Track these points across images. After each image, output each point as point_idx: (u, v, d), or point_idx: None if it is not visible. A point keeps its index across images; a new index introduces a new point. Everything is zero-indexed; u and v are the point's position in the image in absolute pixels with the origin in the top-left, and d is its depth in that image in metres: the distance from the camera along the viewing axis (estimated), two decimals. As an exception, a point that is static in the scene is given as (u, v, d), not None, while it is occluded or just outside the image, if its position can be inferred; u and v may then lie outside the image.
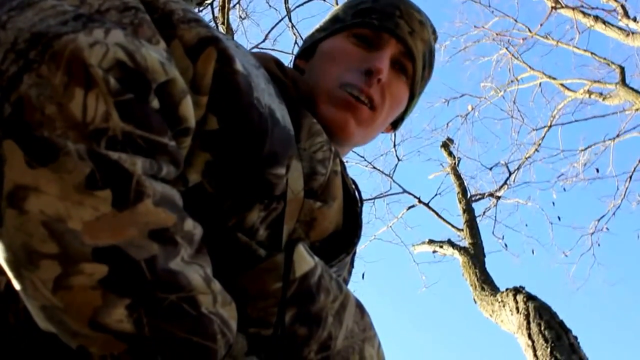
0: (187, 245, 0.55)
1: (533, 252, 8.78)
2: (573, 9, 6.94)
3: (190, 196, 0.62)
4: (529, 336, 4.40)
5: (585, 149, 8.09)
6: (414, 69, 0.96)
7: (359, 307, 0.75)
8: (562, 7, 6.68)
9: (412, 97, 1.01)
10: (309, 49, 1.00)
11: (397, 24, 0.93)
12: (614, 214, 7.84)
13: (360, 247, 8.72)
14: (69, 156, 0.47)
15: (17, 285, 0.50)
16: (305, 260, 0.68)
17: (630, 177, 7.78)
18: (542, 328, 4.33)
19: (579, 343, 4.21)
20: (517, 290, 5.12)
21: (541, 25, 4.73)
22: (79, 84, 0.48)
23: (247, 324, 0.64)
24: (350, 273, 0.97)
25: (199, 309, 0.53)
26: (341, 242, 0.80)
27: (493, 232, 9.02)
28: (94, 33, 0.51)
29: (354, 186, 0.85)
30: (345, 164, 0.86)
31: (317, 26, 1.04)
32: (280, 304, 0.65)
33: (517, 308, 4.84)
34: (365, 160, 8.87)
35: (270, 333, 0.65)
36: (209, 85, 0.61)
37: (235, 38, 6.38)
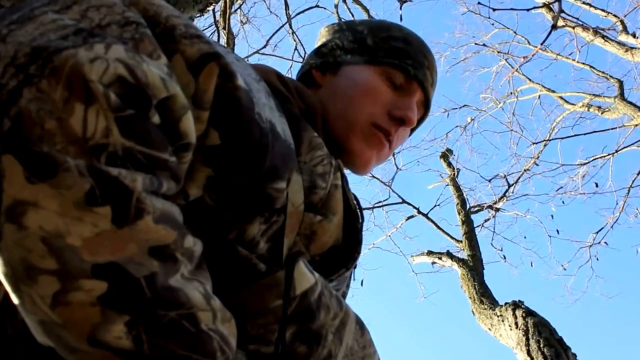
0: (187, 261, 0.55)
1: (532, 265, 8.80)
2: (573, 27, 6.97)
3: (190, 209, 0.61)
4: (528, 353, 4.39)
5: (585, 163, 8.10)
6: (425, 115, 1.02)
7: (359, 324, 0.74)
8: (563, 26, 6.72)
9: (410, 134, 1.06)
10: (333, 64, 0.98)
11: (425, 75, 0.96)
12: (612, 227, 7.84)
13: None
14: (68, 172, 0.46)
15: (15, 300, 0.49)
16: (305, 277, 0.67)
17: (629, 191, 7.80)
18: (542, 345, 4.32)
19: (578, 360, 4.19)
20: (516, 305, 5.12)
21: (542, 43, 4.77)
22: (79, 99, 0.48)
23: (247, 341, 0.64)
24: (349, 286, 0.97)
25: (199, 326, 0.53)
26: (341, 257, 0.80)
27: (492, 243, 9.04)
28: (95, 48, 0.51)
29: (355, 201, 0.85)
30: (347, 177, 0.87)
31: (337, 41, 1.01)
32: (281, 321, 0.64)
33: (517, 323, 4.83)
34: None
35: (270, 351, 0.64)
36: (211, 100, 0.60)
37: (236, 43, 6.41)
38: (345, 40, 1.01)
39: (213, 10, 5.67)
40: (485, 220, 8.81)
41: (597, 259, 8.19)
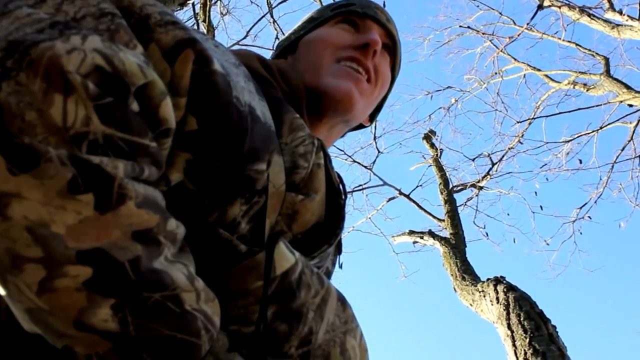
0: (170, 244, 0.55)
1: (514, 241, 8.91)
2: (559, 6, 6.91)
3: (171, 194, 0.62)
4: (509, 326, 4.43)
5: (568, 140, 8.13)
6: (395, 51, 1.07)
7: (341, 300, 0.75)
8: (550, 5, 6.65)
9: (392, 81, 1.10)
10: (289, 47, 1.05)
11: (375, 12, 1.04)
12: (595, 202, 7.92)
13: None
14: (50, 162, 0.47)
15: (1, 290, 0.50)
16: (285, 257, 0.68)
17: (613, 166, 7.84)
18: (522, 318, 4.36)
19: (557, 333, 4.24)
20: (497, 281, 5.16)
21: (527, 24, 4.71)
22: (58, 90, 0.48)
23: (228, 322, 0.64)
24: (334, 263, 0.99)
25: (183, 306, 0.54)
26: (323, 234, 0.81)
27: (474, 222, 9.06)
28: (71, 40, 0.51)
29: (338, 179, 0.86)
30: (332, 156, 0.87)
31: (292, 30, 1.11)
32: (262, 302, 0.65)
33: (497, 298, 4.86)
34: (345, 153, 8.88)
35: (250, 330, 0.65)
36: (187, 87, 0.61)
37: (216, 35, 6.35)
38: (298, 26, 1.11)
39: (192, 3, 5.62)
40: (468, 199, 8.85)
41: (581, 233, 8.28)
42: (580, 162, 7.99)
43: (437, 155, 9.32)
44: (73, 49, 0.50)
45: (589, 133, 7.66)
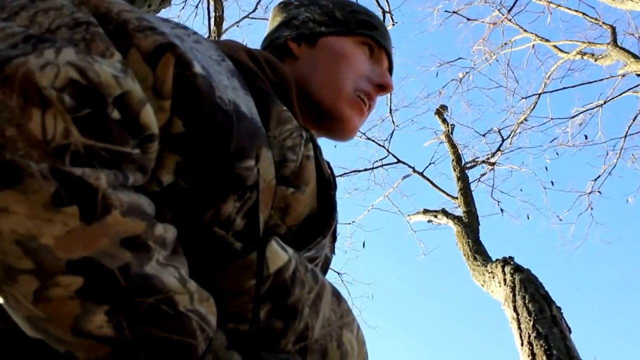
0: (160, 248, 0.57)
1: (528, 217, 8.86)
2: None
3: (166, 194, 0.64)
4: (514, 309, 4.48)
5: (574, 116, 8.06)
6: None
7: (336, 294, 0.77)
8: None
9: None
10: (307, 36, 1.02)
11: (389, 45, 1.07)
12: (610, 173, 7.87)
13: (359, 217, 8.86)
14: (33, 177, 0.48)
15: (0, 299, 0.52)
16: (278, 255, 0.69)
17: (625, 136, 7.78)
18: (527, 301, 4.40)
19: (562, 314, 4.29)
20: (505, 262, 5.19)
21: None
22: (35, 105, 0.49)
23: (225, 320, 0.66)
24: (333, 250, 0.99)
25: (177, 308, 0.55)
26: (317, 226, 0.82)
27: (492, 195, 9.09)
28: (45, 54, 0.52)
29: (329, 170, 0.88)
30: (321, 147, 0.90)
31: (308, 14, 1.05)
32: (255, 301, 0.66)
33: (505, 280, 4.91)
34: (359, 130, 8.87)
35: (247, 328, 0.66)
36: (170, 90, 0.62)
37: (225, 6, 6.32)
38: (315, 13, 1.06)
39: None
40: (482, 175, 8.84)
41: (592, 208, 8.25)
42: (586, 137, 7.95)
43: (449, 131, 9.29)
44: (46, 63, 0.51)
45: (594, 108, 7.60)
